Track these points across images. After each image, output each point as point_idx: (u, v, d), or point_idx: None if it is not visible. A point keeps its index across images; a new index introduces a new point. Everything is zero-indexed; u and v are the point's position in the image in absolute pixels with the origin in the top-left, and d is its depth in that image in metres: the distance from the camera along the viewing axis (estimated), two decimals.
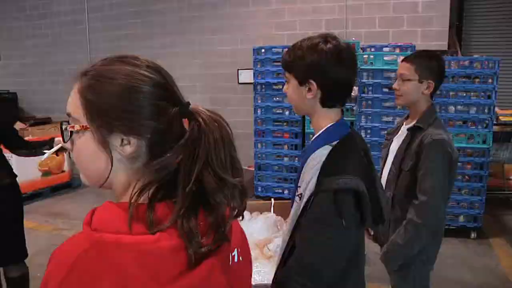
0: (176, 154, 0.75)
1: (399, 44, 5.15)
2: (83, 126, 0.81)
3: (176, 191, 0.75)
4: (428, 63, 2.12)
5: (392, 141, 2.34)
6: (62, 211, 5.98)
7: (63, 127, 0.86)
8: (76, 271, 0.70)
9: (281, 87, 5.53)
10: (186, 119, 0.79)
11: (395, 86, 2.20)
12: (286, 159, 5.68)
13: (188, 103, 0.81)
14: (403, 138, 2.20)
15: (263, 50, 5.67)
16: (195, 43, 8.03)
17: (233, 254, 0.87)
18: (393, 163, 2.22)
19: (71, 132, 0.82)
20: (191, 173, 0.74)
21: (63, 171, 6.91)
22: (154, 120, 0.77)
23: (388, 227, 2.15)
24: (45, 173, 6.56)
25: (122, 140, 0.78)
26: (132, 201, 0.74)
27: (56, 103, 10.11)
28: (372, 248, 2.47)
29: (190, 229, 0.72)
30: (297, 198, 1.36)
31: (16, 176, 2.93)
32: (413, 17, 6.38)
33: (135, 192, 0.74)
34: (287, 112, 5.57)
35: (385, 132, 4.84)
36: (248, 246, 0.97)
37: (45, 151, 2.81)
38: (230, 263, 0.85)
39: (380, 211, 1.40)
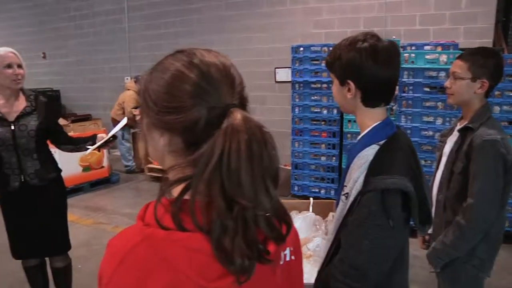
0: (203, 154, 0.73)
1: (441, 42, 5.01)
2: (140, 112, 0.86)
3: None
4: (483, 62, 2.02)
5: (446, 143, 2.27)
6: (101, 206, 6.13)
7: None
8: (127, 263, 0.72)
9: (319, 85, 5.49)
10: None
11: (446, 84, 2.14)
12: (323, 158, 5.63)
13: (228, 105, 0.77)
14: (455, 139, 2.14)
15: (301, 49, 5.63)
16: (232, 42, 8.07)
17: (285, 252, 0.86)
18: (445, 165, 2.16)
19: None
20: (200, 183, 0.71)
21: (102, 167, 7.06)
22: (184, 118, 0.76)
23: (439, 230, 2.10)
24: (86, 169, 6.73)
25: (158, 132, 0.81)
26: (173, 196, 0.74)
27: (96, 101, 10.39)
28: (410, 252, 2.42)
29: (225, 250, 0.70)
30: (343, 197, 1.35)
31: (61, 170, 3.01)
32: (455, 13, 6.20)
33: (171, 183, 0.74)
34: (325, 111, 5.52)
35: (426, 133, 4.82)
36: (300, 244, 0.96)
37: (88, 146, 2.89)
38: (282, 262, 0.84)
39: (428, 212, 1.37)
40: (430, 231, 2.24)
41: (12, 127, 2.70)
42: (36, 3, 11.42)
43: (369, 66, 1.32)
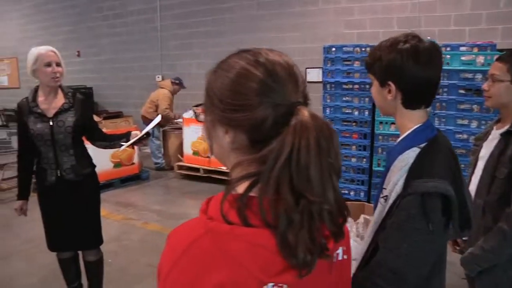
0: (272, 150, 0.74)
1: (478, 43, 4.88)
2: (201, 109, 0.88)
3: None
4: None
5: (482, 147, 2.20)
6: (131, 202, 6.23)
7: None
8: (188, 255, 0.73)
9: (351, 86, 5.43)
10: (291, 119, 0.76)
11: (484, 86, 2.08)
12: (353, 160, 5.56)
13: (293, 103, 0.78)
14: (495, 143, 2.07)
15: (333, 49, 5.58)
16: (263, 41, 8.07)
17: (337, 252, 0.86)
18: (484, 170, 2.10)
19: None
20: (269, 180, 0.72)
21: (133, 163, 7.17)
22: (251, 115, 0.77)
23: (476, 235, 2.05)
24: (117, 165, 6.84)
25: (223, 130, 0.82)
26: (231, 192, 0.75)
27: (127, 98, 10.57)
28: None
29: (289, 243, 0.71)
30: (381, 200, 1.33)
31: (95, 166, 3.08)
32: (493, 13, 6.05)
33: (238, 179, 0.75)
34: (356, 112, 5.45)
35: (460, 136, 4.71)
36: (350, 244, 0.95)
37: (122, 143, 2.94)
38: (335, 260, 0.85)
39: (467, 216, 1.34)
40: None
41: (51, 123, 2.77)
42: (72, 3, 11.71)
43: (410, 67, 1.30)
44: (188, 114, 7.29)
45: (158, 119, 2.98)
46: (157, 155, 8.02)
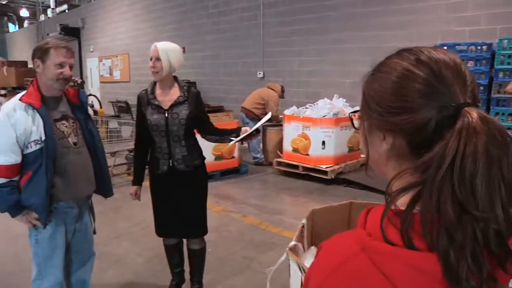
0: (434, 157, 0.66)
1: None
2: (358, 115, 0.84)
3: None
4: None
5: None
6: (230, 194, 6.39)
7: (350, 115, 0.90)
8: (341, 272, 0.69)
9: None
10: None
11: None
12: None
13: (460, 105, 0.70)
14: None
15: (445, 48, 5.27)
16: (367, 39, 7.87)
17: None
18: None
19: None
20: (431, 192, 0.65)
21: (233, 157, 7.35)
22: (412, 118, 0.71)
23: None
24: (217, 157, 7.06)
25: (380, 136, 0.77)
26: (391, 206, 0.69)
27: (228, 93, 10.88)
28: None
29: (452, 266, 0.62)
30: None
31: (205, 158, 3.18)
32: None
33: (399, 192, 0.69)
34: None
35: None
36: None
37: (231, 138, 2.99)
38: None
39: None
40: None
41: (166, 115, 2.91)
42: (179, 2, 12.31)
43: None
44: (289, 111, 7.33)
45: (268, 116, 3.00)
46: (257, 149, 8.15)
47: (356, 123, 0.88)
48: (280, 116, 7.90)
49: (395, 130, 0.74)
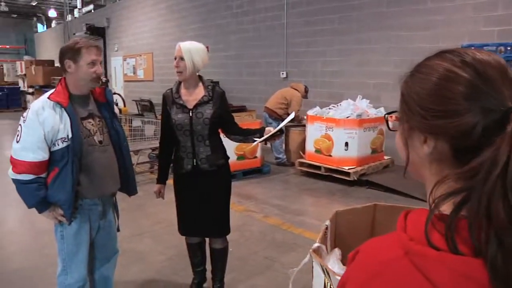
0: (484, 162, 0.65)
1: None
2: (395, 117, 0.83)
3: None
4: None
5: None
6: (252, 194, 6.39)
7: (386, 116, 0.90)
8: (382, 276, 0.68)
9: None
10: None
11: None
12: None
13: (509, 109, 0.67)
14: None
15: (472, 48, 5.17)
16: (392, 40, 7.77)
17: None
18: None
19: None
20: (482, 196, 0.63)
21: (255, 157, 7.35)
22: (457, 122, 0.69)
23: None
24: (240, 157, 7.07)
25: (421, 138, 0.75)
26: (435, 212, 0.67)
27: (251, 93, 10.88)
28: None
29: (501, 273, 0.61)
30: None
31: (228, 158, 3.18)
32: None
33: (442, 199, 0.68)
34: None
35: None
36: None
37: (255, 138, 2.98)
38: None
39: None
40: None
41: (190, 114, 2.93)
42: (202, 2, 12.39)
43: None
44: (312, 112, 7.29)
45: (291, 116, 2.99)
46: (279, 150, 8.13)
47: (391, 124, 0.85)
48: (303, 117, 7.86)
49: (438, 133, 0.72)
